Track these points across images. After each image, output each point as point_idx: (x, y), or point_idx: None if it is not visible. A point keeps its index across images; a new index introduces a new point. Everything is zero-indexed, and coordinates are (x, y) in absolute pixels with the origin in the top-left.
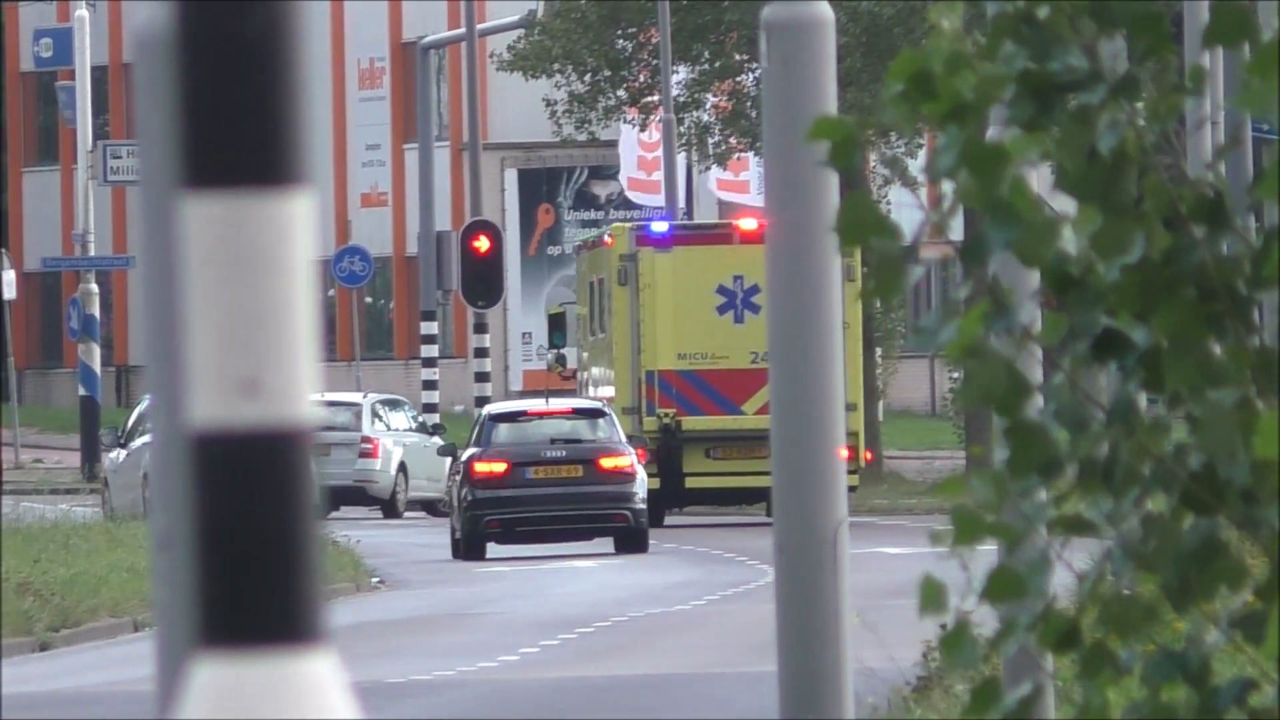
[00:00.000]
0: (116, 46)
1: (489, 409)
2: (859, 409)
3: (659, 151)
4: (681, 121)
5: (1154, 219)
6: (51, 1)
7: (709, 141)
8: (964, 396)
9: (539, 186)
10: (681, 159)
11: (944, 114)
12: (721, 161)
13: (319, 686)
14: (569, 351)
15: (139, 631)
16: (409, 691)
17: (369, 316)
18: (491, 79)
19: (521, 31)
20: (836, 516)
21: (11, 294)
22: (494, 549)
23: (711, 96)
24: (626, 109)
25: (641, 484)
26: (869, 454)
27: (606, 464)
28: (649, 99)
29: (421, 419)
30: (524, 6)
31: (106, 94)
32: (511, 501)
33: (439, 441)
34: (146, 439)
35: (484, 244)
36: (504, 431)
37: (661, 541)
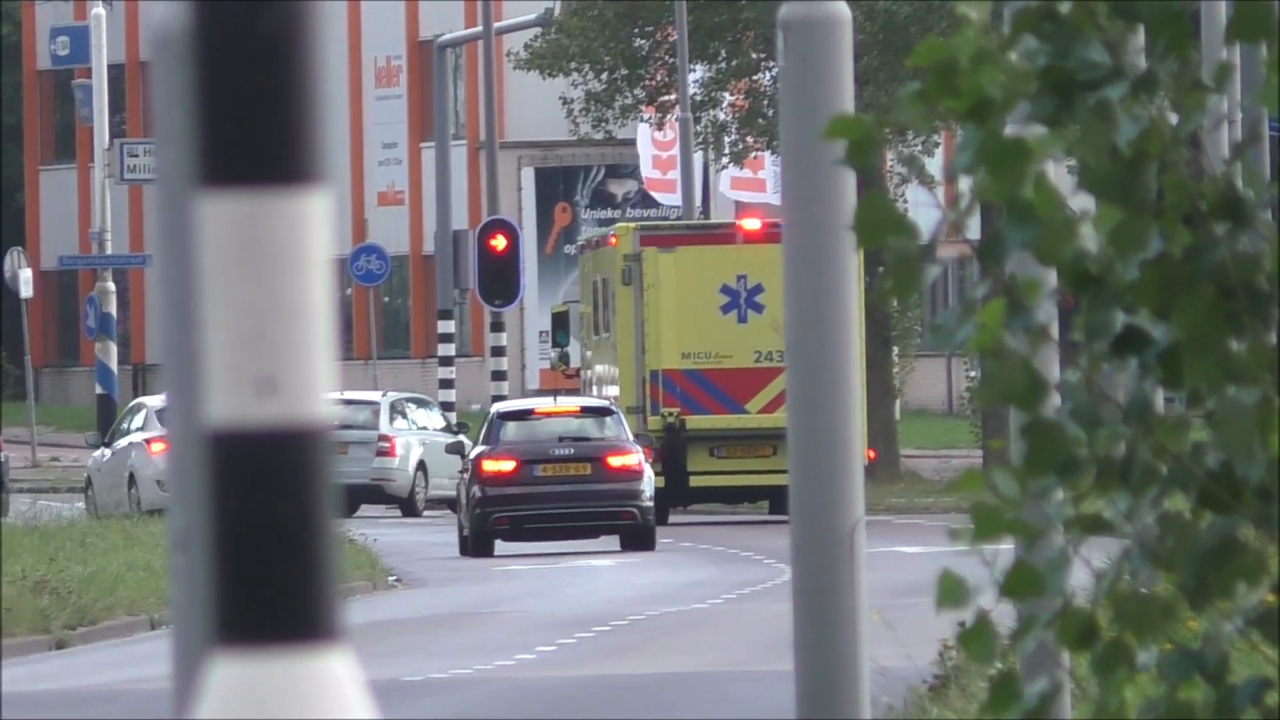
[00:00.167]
0: (133, 45)
1: (497, 407)
2: (861, 407)
3: (675, 150)
4: (698, 120)
5: (1174, 216)
6: (69, 0)
7: (725, 140)
8: (982, 395)
9: (556, 185)
10: (698, 158)
11: (967, 110)
12: (738, 160)
13: (335, 685)
14: (572, 350)
15: (156, 629)
16: (426, 690)
17: (386, 315)
18: (508, 77)
19: (538, 30)
20: (853, 515)
21: (29, 292)
22: (501, 547)
23: (728, 95)
24: (643, 108)
25: (649, 482)
26: (872, 452)
27: (614, 462)
28: (666, 98)
29: (445, 418)
30: (541, 5)
31: (123, 92)
32: (520, 499)
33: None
34: (131, 439)
35: (501, 243)
36: (512, 430)
37: (666, 540)
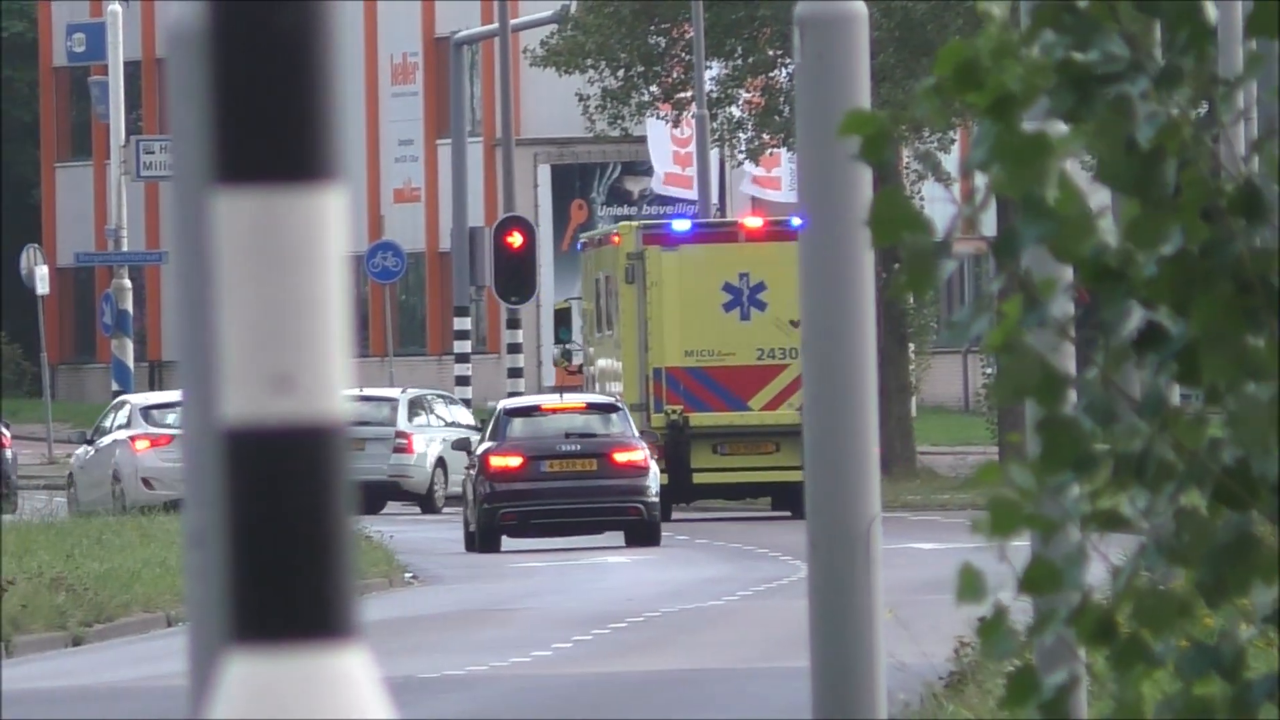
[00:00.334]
0: (149, 41)
1: (504, 403)
2: None
3: (691, 147)
4: (714, 117)
5: (1191, 211)
6: None
7: (741, 137)
8: (998, 391)
9: (572, 182)
10: (715, 154)
11: (988, 105)
12: (754, 157)
13: (351, 682)
14: (574, 347)
15: (172, 627)
16: (442, 686)
17: (402, 312)
18: (524, 74)
19: (554, 27)
20: (869, 512)
21: (45, 289)
22: (507, 543)
23: (744, 92)
24: (659, 105)
25: (654, 478)
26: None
27: (620, 458)
28: (682, 94)
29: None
30: (557, 2)
31: (139, 89)
32: (526, 495)
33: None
34: (115, 436)
35: (517, 239)
36: (519, 426)
37: (671, 536)
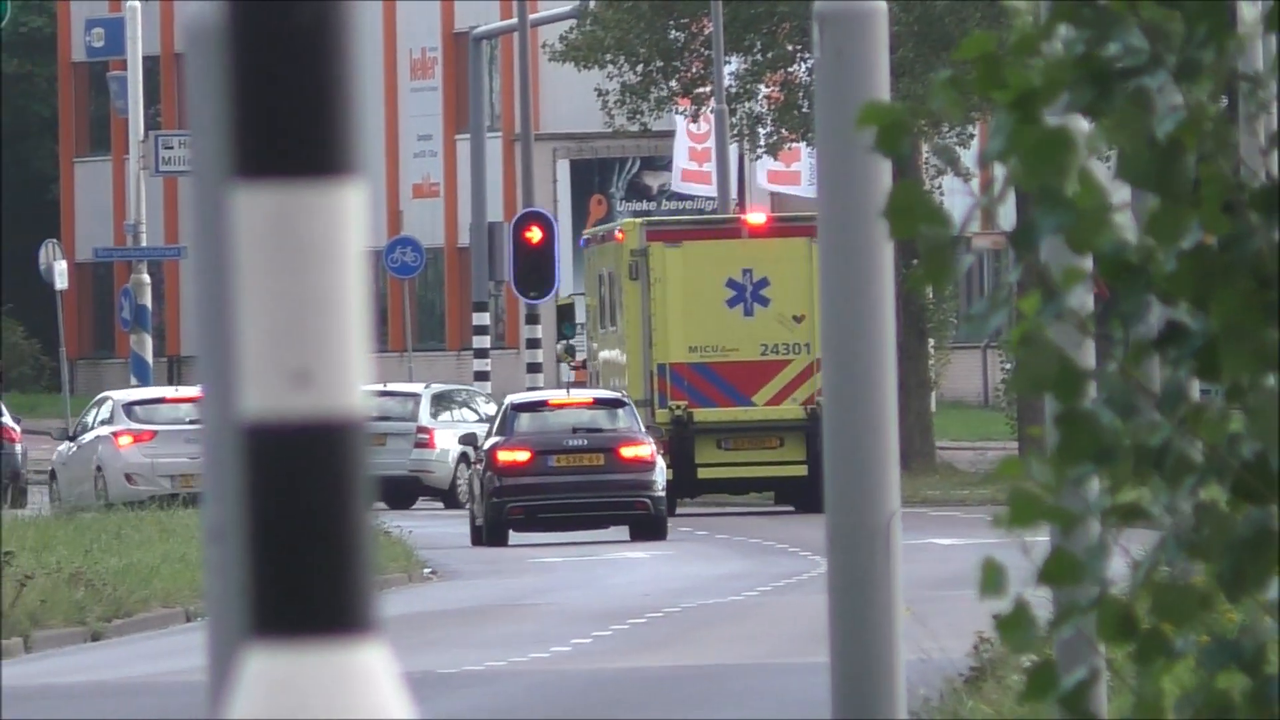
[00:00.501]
0: (168, 36)
1: (511, 399)
2: None
3: (710, 142)
4: (733, 112)
5: (1212, 206)
6: None
7: (760, 132)
8: (1016, 382)
9: (591, 177)
10: (734, 150)
11: (1011, 100)
12: (773, 152)
13: (370, 677)
14: (577, 343)
15: (191, 622)
16: (461, 682)
17: (421, 307)
18: (543, 69)
19: (574, 22)
20: (889, 507)
21: (63, 284)
22: (513, 537)
23: (764, 87)
24: (678, 100)
25: (661, 473)
26: None
27: (627, 453)
28: (701, 90)
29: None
30: None
31: (158, 84)
32: (534, 489)
33: None
34: (98, 432)
35: (536, 235)
36: (526, 421)
37: (687, 532)
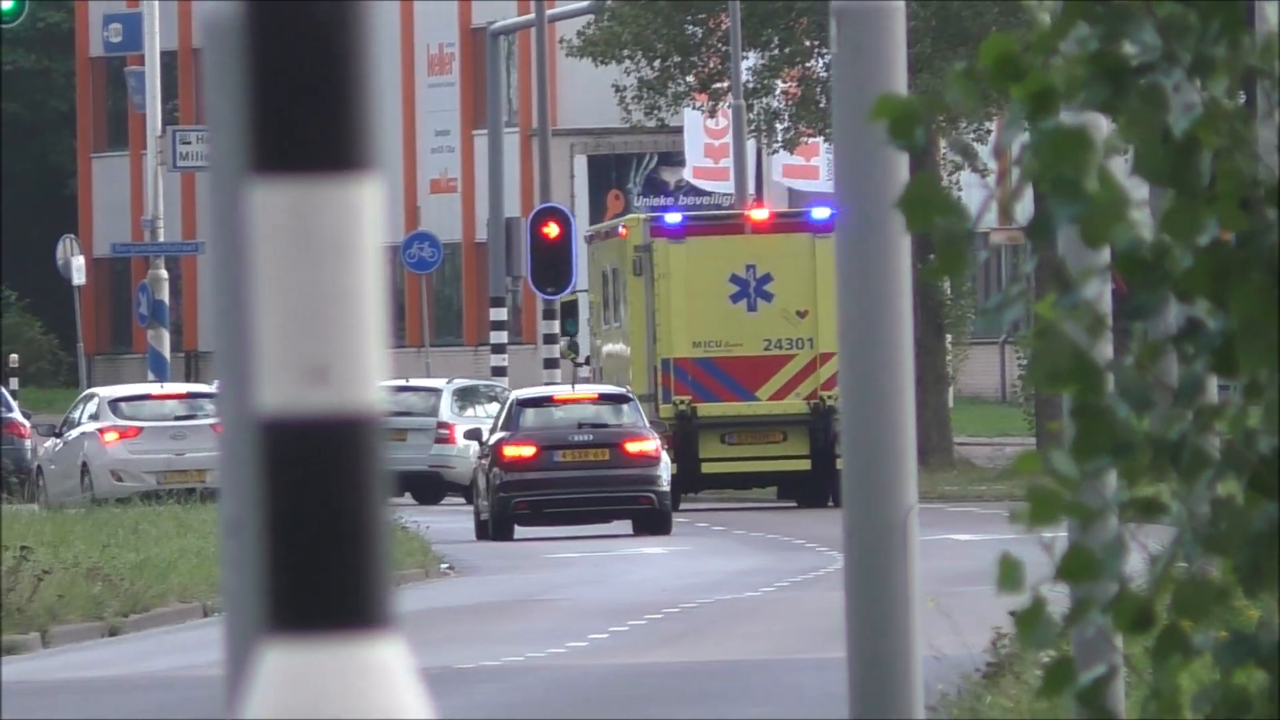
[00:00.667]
0: (186, 31)
1: (516, 394)
2: None
3: (727, 138)
4: (751, 108)
5: (1228, 202)
6: None
7: (778, 128)
8: (1031, 375)
9: (608, 172)
10: (751, 145)
11: (1030, 99)
12: (790, 147)
13: (387, 672)
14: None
15: (208, 617)
16: (478, 677)
17: (438, 303)
18: (561, 65)
19: (591, 17)
20: (906, 503)
21: (81, 279)
22: (517, 532)
23: (781, 83)
24: (695, 95)
25: (665, 468)
26: None
27: (632, 448)
28: (718, 85)
29: None
30: None
31: (176, 79)
32: (540, 484)
33: None
34: (84, 429)
35: (553, 230)
36: (531, 416)
37: (703, 527)
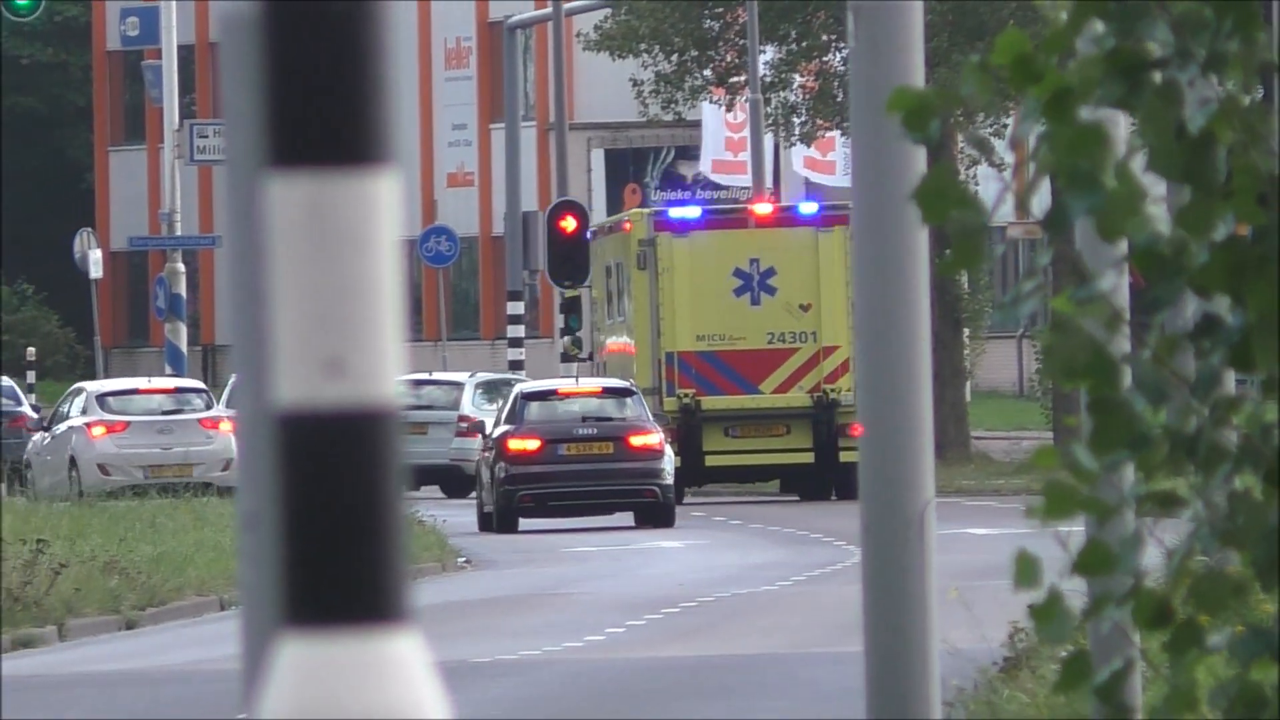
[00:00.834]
0: (203, 25)
1: (521, 388)
2: None
3: (745, 132)
4: (768, 102)
5: (1245, 197)
6: None
7: (795, 122)
8: (1047, 367)
9: (625, 166)
10: (768, 139)
11: (1047, 99)
12: (807, 141)
13: (404, 666)
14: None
15: (225, 610)
16: (495, 671)
17: (455, 296)
18: (578, 59)
19: (608, 11)
20: (923, 497)
21: (98, 273)
22: (517, 527)
23: (798, 77)
24: (713, 89)
25: (669, 461)
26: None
27: (636, 442)
28: (736, 79)
29: None
30: None
31: (193, 73)
32: (544, 477)
33: None
34: (72, 423)
35: (570, 224)
36: (535, 410)
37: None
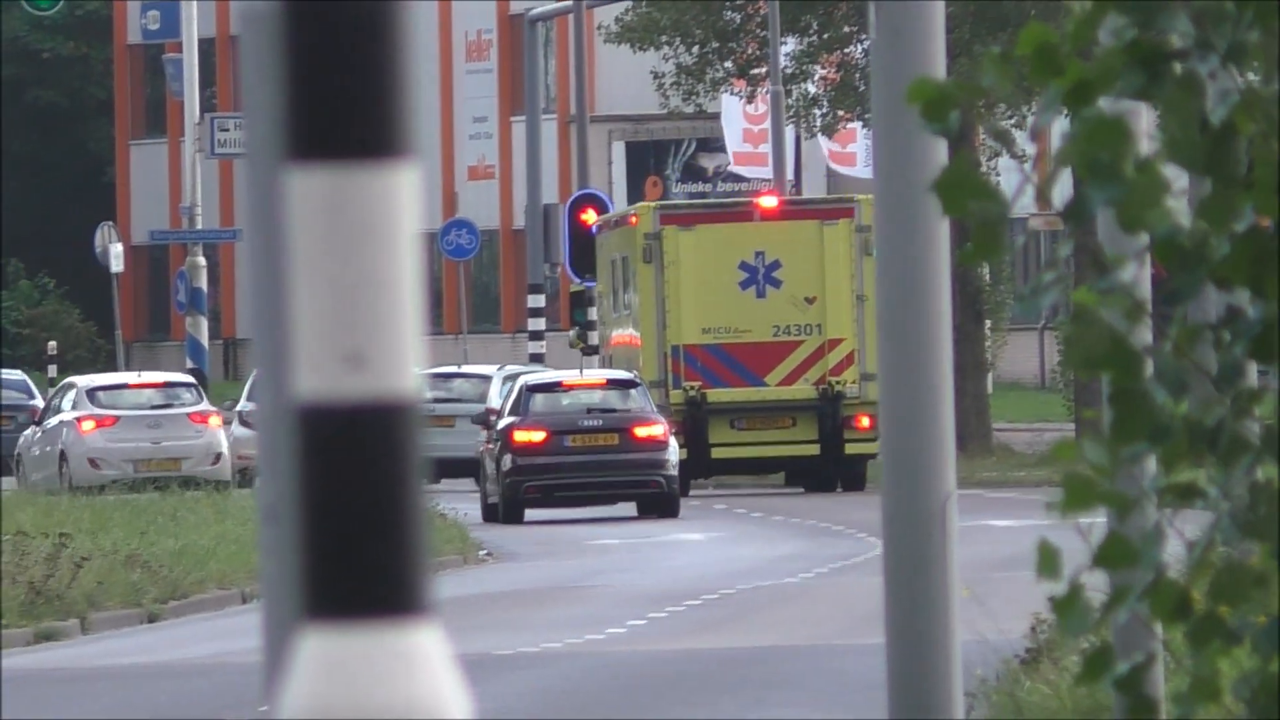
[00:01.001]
0: (223, 19)
1: (526, 379)
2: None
3: (767, 123)
4: (789, 94)
5: (1266, 189)
6: None
7: (816, 113)
8: (1067, 358)
9: (646, 159)
10: (790, 131)
11: (1068, 91)
12: (828, 133)
13: (425, 658)
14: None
15: (246, 603)
16: (516, 664)
17: (475, 290)
18: (599, 51)
19: (629, 3)
20: (945, 489)
21: (119, 267)
22: (523, 518)
23: (820, 68)
24: (734, 81)
25: (673, 452)
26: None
27: (640, 433)
28: (757, 71)
29: None
30: None
31: (213, 66)
32: (550, 468)
33: None
34: (62, 417)
35: (591, 217)
36: (541, 401)
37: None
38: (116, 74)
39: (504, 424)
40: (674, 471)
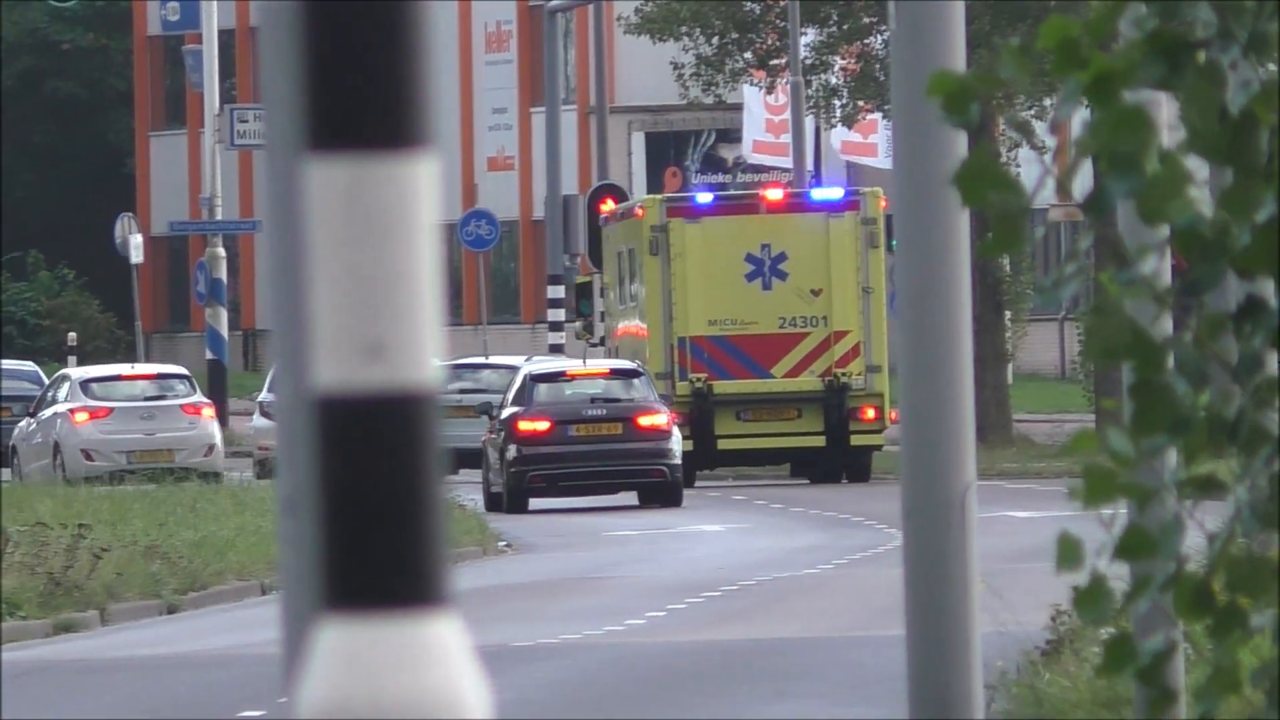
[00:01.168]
0: (243, 10)
1: (529, 369)
2: (883, 370)
3: (787, 114)
4: (809, 84)
5: None
6: None
7: (836, 104)
8: (1087, 351)
9: (666, 150)
10: (809, 121)
11: (1091, 82)
12: (848, 123)
13: (444, 649)
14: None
15: (265, 595)
16: (535, 655)
17: (495, 280)
18: (618, 42)
19: None
20: (965, 479)
21: (139, 258)
22: (527, 507)
23: (839, 59)
24: (753, 72)
25: (676, 441)
26: (895, 414)
27: (644, 422)
28: (776, 61)
29: None
30: None
31: (233, 58)
32: (555, 458)
33: None
34: (56, 409)
35: (611, 207)
36: (544, 391)
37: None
38: (136, 65)
39: (508, 413)
40: (677, 461)
